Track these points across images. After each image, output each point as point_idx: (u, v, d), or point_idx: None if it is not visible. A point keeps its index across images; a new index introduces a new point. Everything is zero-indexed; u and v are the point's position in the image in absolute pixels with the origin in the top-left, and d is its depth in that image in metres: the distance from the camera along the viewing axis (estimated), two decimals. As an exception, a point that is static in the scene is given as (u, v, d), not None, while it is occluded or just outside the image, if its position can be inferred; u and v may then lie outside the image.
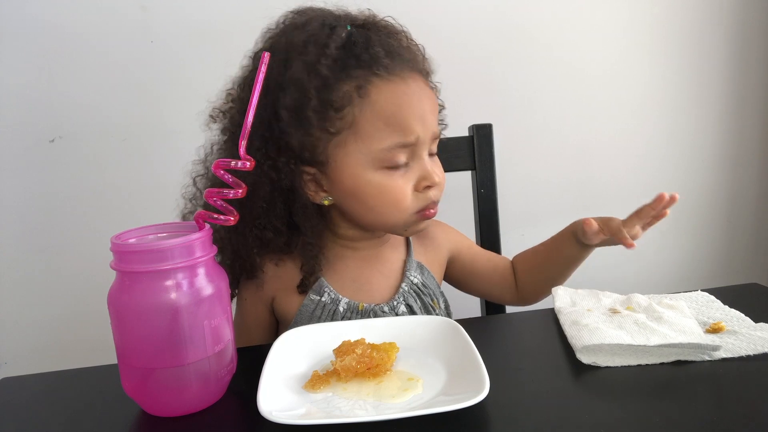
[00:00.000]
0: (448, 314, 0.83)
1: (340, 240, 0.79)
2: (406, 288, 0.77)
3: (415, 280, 0.79)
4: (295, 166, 0.70)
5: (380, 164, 0.68)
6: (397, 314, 0.75)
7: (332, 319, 0.74)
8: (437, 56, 0.86)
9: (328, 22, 0.71)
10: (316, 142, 0.69)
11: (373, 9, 0.79)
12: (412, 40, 0.77)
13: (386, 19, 0.77)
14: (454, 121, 0.92)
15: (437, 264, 0.85)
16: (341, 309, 0.74)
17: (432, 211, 0.73)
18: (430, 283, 0.81)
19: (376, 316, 0.74)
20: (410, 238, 0.83)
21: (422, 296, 0.78)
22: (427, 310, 0.78)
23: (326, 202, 0.73)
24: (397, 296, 0.77)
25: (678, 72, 1.43)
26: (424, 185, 0.70)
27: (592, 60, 1.38)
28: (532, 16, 1.33)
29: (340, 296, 0.75)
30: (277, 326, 0.81)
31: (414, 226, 0.73)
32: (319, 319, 0.74)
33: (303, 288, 0.75)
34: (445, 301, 0.83)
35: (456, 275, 0.89)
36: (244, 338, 0.79)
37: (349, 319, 0.74)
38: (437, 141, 0.74)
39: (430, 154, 0.73)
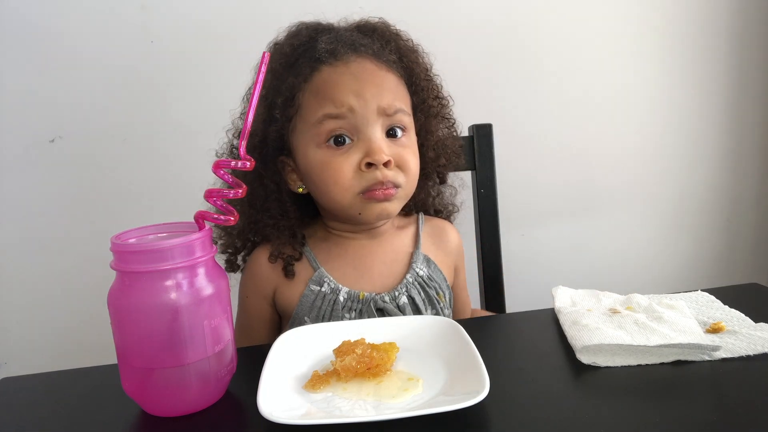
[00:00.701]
0: (450, 307, 0.83)
1: (335, 231, 0.79)
2: (411, 279, 0.77)
3: (421, 273, 0.78)
4: (272, 155, 0.76)
5: (319, 140, 0.71)
6: (398, 305, 0.75)
7: (333, 309, 0.74)
8: (438, 56, 0.86)
9: (312, 28, 0.77)
10: (281, 131, 0.74)
11: (375, 9, 0.80)
12: (401, 38, 0.80)
13: (379, 22, 0.80)
14: (454, 122, 0.93)
15: (445, 265, 0.84)
16: (341, 298, 0.74)
17: (379, 191, 0.70)
18: (437, 277, 0.80)
19: (376, 305, 0.74)
20: (420, 233, 0.83)
21: (427, 289, 0.78)
22: (432, 303, 0.78)
23: (300, 190, 0.76)
24: (399, 286, 0.76)
25: (678, 72, 1.43)
26: (366, 162, 0.69)
27: (592, 60, 1.38)
28: (532, 16, 1.33)
29: (340, 286, 0.75)
30: (280, 322, 0.81)
31: (366, 209, 0.71)
32: (319, 310, 0.74)
33: (287, 274, 0.76)
34: (451, 297, 0.83)
35: None
36: (247, 337, 0.79)
37: (351, 308, 0.74)
38: (397, 120, 0.72)
39: (390, 135, 0.72)
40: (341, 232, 0.79)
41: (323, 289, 0.75)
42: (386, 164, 0.70)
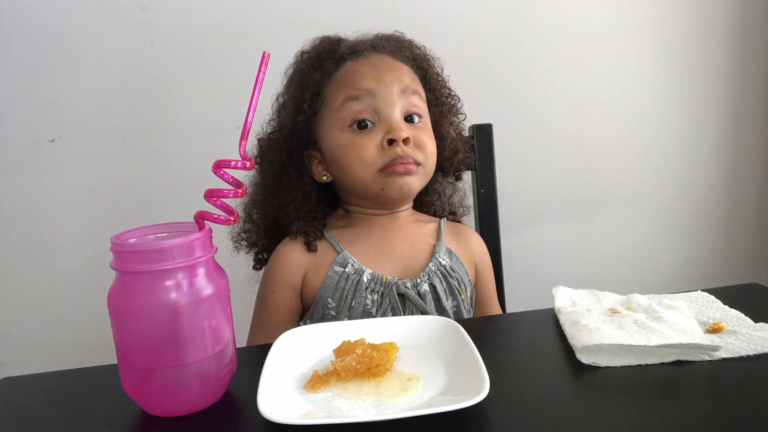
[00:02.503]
0: (471, 305, 0.84)
1: (356, 215, 0.82)
2: (434, 268, 0.79)
3: (444, 262, 0.80)
4: (300, 152, 0.81)
5: (343, 123, 0.76)
6: (419, 292, 0.76)
7: (356, 290, 0.76)
8: (438, 56, 0.86)
9: (333, 40, 0.82)
10: (308, 122, 0.79)
11: (374, 9, 0.80)
12: (415, 46, 0.85)
13: (394, 33, 0.85)
14: (454, 122, 0.93)
15: (466, 260, 0.85)
16: (365, 279, 0.76)
17: (400, 166, 0.74)
18: (459, 269, 0.82)
19: (398, 290, 0.76)
20: (442, 229, 0.85)
21: (449, 279, 0.79)
22: (453, 293, 0.79)
23: (325, 178, 0.81)
24: (422, 274, 0.78)
25: (678, 72, 1.43)
26: (387, 138, 0.74)
27: (592, 60, 1.38)
28: (532, 16, 1.33)
29: (364, 267, 0.77)
30: (304, 315, 0.82)
31: (388, 184, 0.75)
32: (343, 290, 0.76)
33: (311, 248, 0.79)
34: (472, 291, 0.84)
35: None
36: (272, 332, 0.77)
37: (373, 289, 0.76)
38: (414, 103, 0.78)
39: (408, 120, 0.77)
40: (363, 215, 0.82)
41: (347, 270, 0.76)
42: (406, 141, 0.74)
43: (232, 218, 0.52)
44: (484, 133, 0.98)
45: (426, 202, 0.91)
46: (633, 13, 1.38)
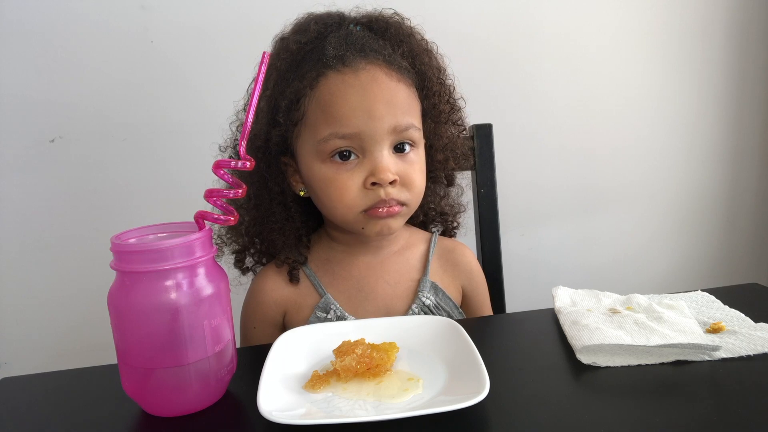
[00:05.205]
0: None
1: (338, 245, 0.78)
2: (417, 309, 0.76)
3: (428, 302, 0.77)
4: (275, 156, 0.74)
5: (324, 156, 0.69)
6: None
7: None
8: (441, 54, 0.86)
9: (321, 23, 0.73)
10: (285, 133, 0.72)
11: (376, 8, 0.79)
12: (415, 37, 0.77)
13: (393, 16, 0.77)
14: (454, 121, 0.92)
15: (453, 287, 0.82)
16: None
17: (383, 209, 0.69)
18: (445, 304, 0.78)
19: None
20: (430, 256, 0.81)
21: None
22: None
23: (302, 193, 0.75)
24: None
25: (678, 72, 1.43)
26: (370, 181, 0.68)
27: (592, 60, 1.38)
28: (533, 16, 1.33)
29: (346, 314, 0.74)
30: None
31: (369, 225, 0.71)
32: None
33: (292, 279, 0.76)
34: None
35: None
36: None
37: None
38: (407, 136, 0.70)
39: (397, 151, 0.70)
40: (345, 247, 0.78)
41: (329, 316, 0.74)
42: (392, 183, 0.69)
43: (232, 218, 0.52)
44: (484, 133, 0.98)
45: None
46: (633, 12, 1.38)
